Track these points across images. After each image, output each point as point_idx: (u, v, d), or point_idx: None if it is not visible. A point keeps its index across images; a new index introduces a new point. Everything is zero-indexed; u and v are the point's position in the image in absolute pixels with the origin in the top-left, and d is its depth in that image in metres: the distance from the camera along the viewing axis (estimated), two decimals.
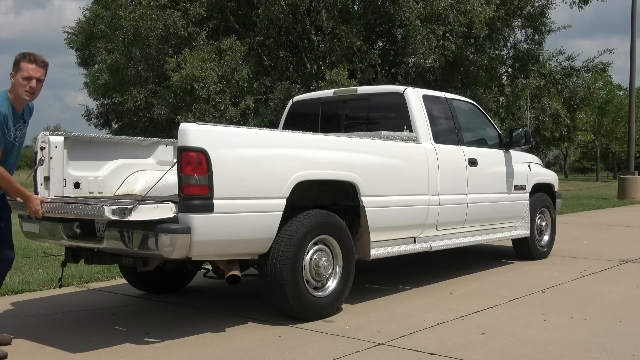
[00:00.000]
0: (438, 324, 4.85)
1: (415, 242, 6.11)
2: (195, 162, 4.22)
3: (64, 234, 4.68)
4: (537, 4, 21.51)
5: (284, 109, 7.61)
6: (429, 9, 16.88)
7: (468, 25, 17.59)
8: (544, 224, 8.21)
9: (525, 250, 7.96)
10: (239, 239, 4.53)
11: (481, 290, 6.17)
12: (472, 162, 6.73)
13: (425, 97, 6.45)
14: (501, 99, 22.47)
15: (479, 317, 5.08)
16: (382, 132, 5.94)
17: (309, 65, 19.57)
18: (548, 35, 22.75)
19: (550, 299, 5.72)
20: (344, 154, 5.29)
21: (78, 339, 4.49)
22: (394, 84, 18.24)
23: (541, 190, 8.18)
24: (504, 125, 20.99)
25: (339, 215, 5.28)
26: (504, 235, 7.48)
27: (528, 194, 7.81)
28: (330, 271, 5.11)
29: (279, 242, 4.74)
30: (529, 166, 7.97)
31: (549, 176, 8.54)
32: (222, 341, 4.46)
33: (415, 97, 6.33)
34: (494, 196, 7.12)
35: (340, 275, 5.17)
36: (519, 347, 4.25)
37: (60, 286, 5.68)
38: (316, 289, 5.02)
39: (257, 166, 4.59)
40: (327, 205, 5.39)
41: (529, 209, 7.78)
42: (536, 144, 24.21)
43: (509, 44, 22.83)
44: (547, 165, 36.46)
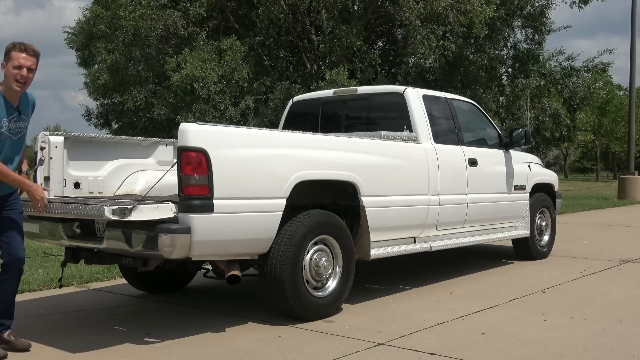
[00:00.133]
0: (438, 324, 4.85)
1: (415, 242, 6.11)
2: (195, 162, 4.23)
3: (64, 234, 4.69)
4: (537, 4, 21.50)
5: (284, 109, 7.61)
6: (429, 9, 16.88)
7: (468, 25, 17.59)
8: (544, 224, 8.21)
9: (525, 250, 7.97)
10: (239, 239, 4.53)
11: (481, 290, 6.17)
12: (472, 162, 6.73)
13: (425, 97, 6.45)
14: (501, 99, 22.48)
15: (479, 317, 5.09)
16: (382, 132, 5.94)
17: (309, 65, 19.56)
18: (548, 35, 22.77)
19: (550, 299, 5.72)
20: (344, 154, 5.29)
21: (78, 339, 4.49)
22: (394, 84, 18.24)
23: (541, 190, 8.19)
24: (504, 125, 20.98)
25: (339, 215, 5.28)
26: (504, 235, 7.48)
27: (528, 194, 7.81)
28: (330, 271, 5.11)
29: (279, 242, 4.74)
30: (529, 166, 7.97)
31: (549, 176, 8.54)
32: (222, 341, 4.46)
33: (415, 97, 6.33)
34: (494, 196, 7.12)
35: (340, 275, 5.17)
36: (519, 347, 4.25)
37: (60, 286, 5.68)
38: (316, 289, 5.02)
39: (257, 166, 4.60)
40: (327, 205, 5.39)
41: (529, 209, 7.78)
42: (536, 144, 24.21)
43: (509, 44, 22.83)
44: (547, 165, 36.46)
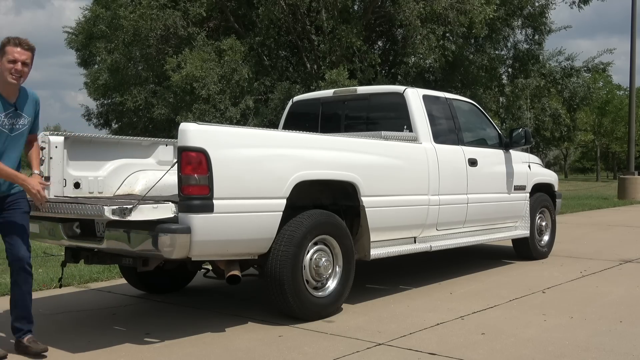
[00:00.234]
0: (438, 324, 4.85)
1: (415, 242, 6.11)
2: (195, 162, 4.22)
3: (64, 234, 4.69)
4: (537, 4, 21.51)
5: (284, 109, 7.61)
6: (429, 9, 16.88)
7: (468, 25, 17.59)
8: (544, 224, 8.21)
9: (525, 250, 7.96)
10: (239, 239, 4.53)
11: (481, 290, 6.17)
12: (472, 162, 6.73)
13: (425, 97, 6.45)
14: (501, 99, 22.49)
15: (479, 317, 5.08)
16: (382, 132, 5.94)
17: (309, 65, 19.56)
18: (548, 35, 22.79)
19: (550, 299, 5.72)
20: (344, 154, 5.29)
21: (78, 339, 4.49)
22: (394, 84, 18.24)
23: (541, 190, 8.18)
24: (504, 125, 20.99)
25: (339, 215, 5.28)
26: (504, 235, 7.48)
27: (528, 194, 7.81)
28: (330, 271, 5.11)
29: (279, 242, 4.74)
30: (529, 166, 7.97)
31: (549, 176, 8.54)
32: (222, 341, 4.46)
33: (415, 97, 6.33)
34: (494, 196, 7.12)
35: (340, 275, 5.17)
36: (519, 347, 4.25)
37: (60, 286, 5.68)
38: (316, 289, 5.02)
39: (257, 166, 4.59)
40: (327, 205, 5.39)
41: (529, 209, 7.78)
42: (536, 144, 24.22)
43: (509, 44, 22.84)
44: (547, 165, 36.45)
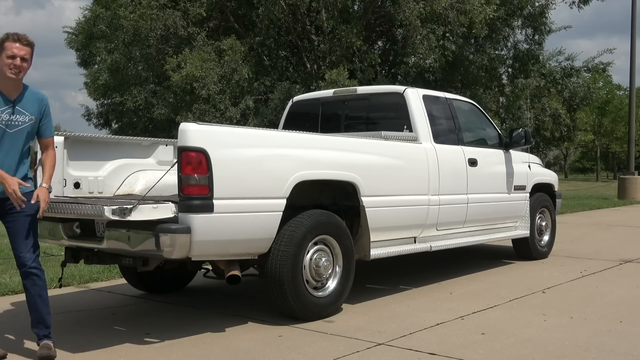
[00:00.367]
0: (438, 324, 4.84)
1: (415, 242, 6.11)
2: (195, 162, 4.22)
3: (64, 234, 4.69)
4: (537, 4, 21.53)
5: (284, 109, 7.61)
6: (429, 9, 16.89)
7: (468, 25, 17.60)
8: (544, 224, 8.20)
9: (525, 250, 7.96)
10: (239, 239, 4.53)
11: (481, 290, 6.17)
12: (472, 162, 6.73)
13: (425, 97, 6.45)
14: (501, 99, 22.50)
15: (479, 317, 5.08)
16: (382, 132, 5.94)
17: (309, 65, 19.57)
18: (548, 35, 22.82)
19: (550, 299, 5.72)
20: (344, 154, 5.29)
21: (78, 339, 4.49)
22: (394, 84, 18.25)
23: (541, 190, 8.18)
24: (504, 125, 21.00)
25: (339, 215, 5.28)
26: (504, 235, 7.48)
27: (528, 194, 7.81)
28: (330, 271, 5.11)
29: (279, 242, 4.73)
30: (529, 166, 7.96)
31: (549, 176, 8.54)
32: (222, 341, 4.46)
33: (415, 97, 6.33)
34: (494, 196, 7.12)
35: (340, 275, 5.17)
36: (519, 347, 4.25)
37: (60, 286, 5.68)
38: (316, 289, 5.02)
39: (257, 166, 4.59)
40: (327, 205, 5.39)
41: (529, 209, 7.78)
42: (536, 144, 24.24)
43: (509, 44, 22.87)
44: (547, 165, 36.46)
